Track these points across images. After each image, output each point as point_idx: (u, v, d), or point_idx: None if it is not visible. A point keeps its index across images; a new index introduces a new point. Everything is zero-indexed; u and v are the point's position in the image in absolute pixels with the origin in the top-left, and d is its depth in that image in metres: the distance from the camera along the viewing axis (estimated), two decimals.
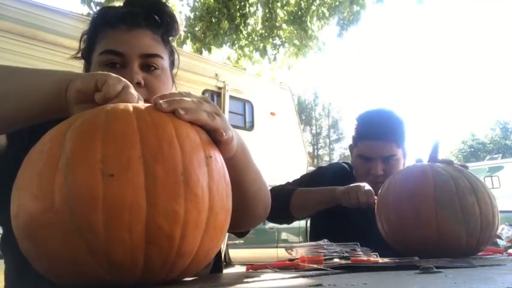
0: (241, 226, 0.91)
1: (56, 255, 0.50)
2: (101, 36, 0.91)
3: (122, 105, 0.56)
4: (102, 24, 0.92)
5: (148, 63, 0.89)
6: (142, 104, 0.59)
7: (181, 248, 0.51)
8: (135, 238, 0.48)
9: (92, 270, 0.49)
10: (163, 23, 0.94)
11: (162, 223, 0.48)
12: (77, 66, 0.99)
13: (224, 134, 0.61)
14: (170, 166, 0.50)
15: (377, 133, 1.45)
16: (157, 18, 0.93)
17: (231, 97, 6.10)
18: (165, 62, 0.94)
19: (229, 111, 6.03)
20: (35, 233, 0.50)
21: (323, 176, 1.61)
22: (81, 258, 0.48)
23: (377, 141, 1.45)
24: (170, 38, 0.98)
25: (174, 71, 1.01)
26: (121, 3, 0.99)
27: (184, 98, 0.60)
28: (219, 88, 5.97)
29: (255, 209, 0.86)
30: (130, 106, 0.56)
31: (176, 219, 0.49)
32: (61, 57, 4.03)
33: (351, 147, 1.61)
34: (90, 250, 0.48)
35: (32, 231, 0.50)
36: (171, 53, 0.99)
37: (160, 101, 0.57)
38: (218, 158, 0.58)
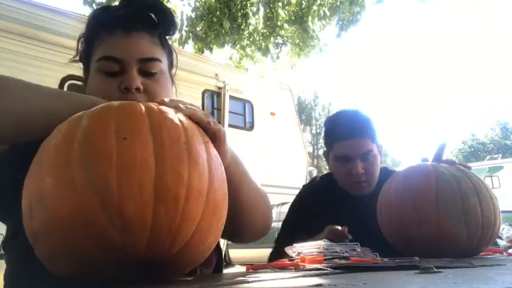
0: (243, 237, 0.94)
1: (68, 216, 0.51)
2: (98, 42, 0.90)
3: (130, 101, 0.64)
4: (98, 28, 0.91)
5: (146, 69, 0.88)
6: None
7: (186, 211, 0.54)
8: (144, 194, 0.52)
9: (103, 229, 0.51)
10: (160, 22, 0.93)
11: (169, 182, 0.53)
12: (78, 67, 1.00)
13: (214, 124, 0.68)
14: (174, 137, 0.57)
15: (350, 131, 1.45)
16: (154, 17, 0.92)
17: (231, 97, 6.10)
18: (164, 65, 0.93)
19: (229, 111, 6.03)
20: (48, 196, 0.53)
21: (313, 202, 1.54)
22: (94, 216, 0.51)
23: (352, 140, 1.45)
24: (168, 37, 0.97)
25: (173, 70, 1.00)
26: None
27: (184, 100, 0.67)
28: (219, 88, 5.97)
29: (253, 220, 0.88)
30: (139, 102, 0.63)
31: (181, 180, 0.54)
32: (61, 58, 4.03)
33: (326, 154, 1.59)
34: (103, 205, 0.50)
35: (46, 196, 0.53)
36: (170, 53, 0.98)
37: (164, 99, 0.65)
38: (213, 148, 0.64)
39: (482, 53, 64.30)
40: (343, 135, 1.46)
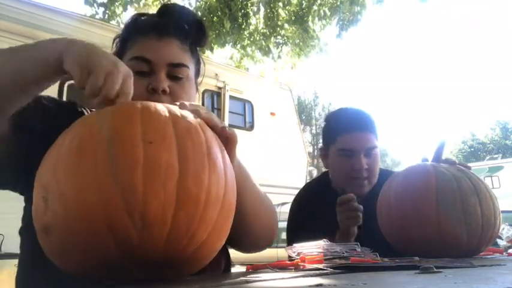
0: (244, 246, 0.96)
1: (89, 210, 0.52)
2: (132, 43, 0.94)
3: (152, 103, 0.63)
4: (134, 31, 0.95)
5: (174, 74, 0.92)
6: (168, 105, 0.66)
7: (204, 215, 0.56)
8: (168, 196, 0.53)
9: (124, 226, 0.52)
10: (192, 33, 0.97)
11: (191, 187, 0.55)
12: None
13: (228, 129, 0.71)
14: (197, 144, 0.59)
15: (357, 124, 1.44)
16: (186, 27, 0.96)
17: (231, 97, 6.09)
18: (191, 72, 0.96)
19: (229, 111, 6.02)
20: (69, 190, 0.53)
21: (312, 203, 1.52)
22: (116, 212, 0.52)
23: (359, 132, 1.43)
24: (198, 48, 1.01)
25: (199, 79, 1.04)
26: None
27: (201, 105, 0.71)
28: (219, 88, 5.96)
29: (254, 227, 0.89)
30: (161, 104, 0.63)
31: (202, 186, 0.56)
32: None
33: (323, 150, 1.55)
34: (127, 203, 0.52)
35: (66, 189, 0.53)
36: (198, 61, 1.02)
37: (185, 102, 0.68)
38: (227, 154, 0.66)
39: (483, 53, 64.34)
40: (350, 128, 1.43)
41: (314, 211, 1.46)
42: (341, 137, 1.45)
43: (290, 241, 1.49)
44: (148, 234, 0.53)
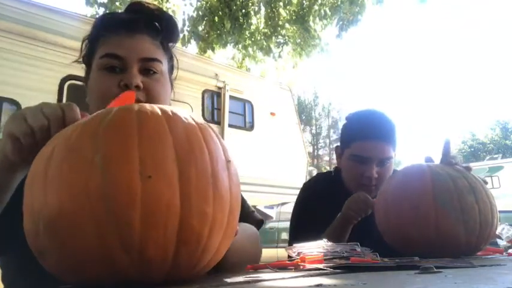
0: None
1: (85, 252, 0.49)
2: (102, 41, 0.92)
3: (148, 106, 0.57)
4: (103, 29, 0.94)
5: (147, 67, 0.91)
6: (168, 107, 0.60)
7: (207, 247, 0.54)
8: (168, 236, 0.50)
9: (122, 265, 0.49)
10: (163, 30, 0.96)
11: (194, 223, 0.51)
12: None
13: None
14: (201, 168, 0.53)
15: (376, 133, 1.39)
16: (157, 24, 0.95)
17: (231, 97, 6.09)
18: (164, 67, 0.95)
19: (229, 111, 6.02)
20: (64, 229, 0.50)
21: (314, 202, 1.49)
22: (113, 252, 0.49)
23: (375, 142, 1.39)
24: (170, 44, 1.00)
25: (174, 75, 1.03)
26: (123, 7, 1.00)
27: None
28: (219, 88, 5.97)
29: (239, 263, 0.87)
30: (157, 108, 0.57)
31: (206, 220, 0.53)
32: (61, 58, 4.03)
33: (338, 149, 1.53)
34: (124, 244, 0.49)
35: (61, 227, 0.50)
36: (171, 58, 1.01)
37: None
38: (233, 166, 0.61)
39: (482, 53, 64.37)
40: (367, 136, 1.39)
41: (316, 210, 1.45)
42: (356, 143, 1.41)
43: (294, 233, 1.49)
44: (147, 272, 0.51)
